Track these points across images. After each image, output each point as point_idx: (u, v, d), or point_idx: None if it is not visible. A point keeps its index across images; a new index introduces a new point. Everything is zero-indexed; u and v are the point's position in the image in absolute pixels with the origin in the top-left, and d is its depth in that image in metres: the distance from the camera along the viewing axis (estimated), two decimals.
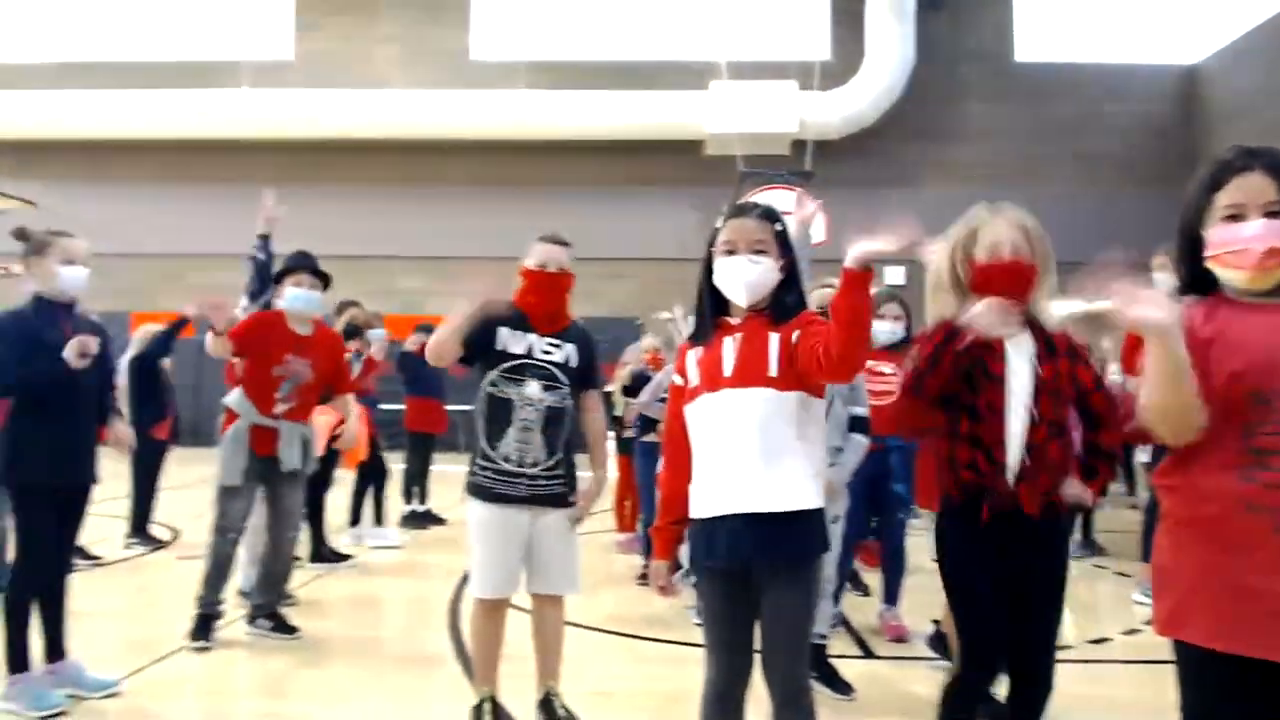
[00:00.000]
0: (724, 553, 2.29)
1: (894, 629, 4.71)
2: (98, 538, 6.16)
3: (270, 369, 4.43)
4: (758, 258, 2.35)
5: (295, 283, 4.57)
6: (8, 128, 16.49)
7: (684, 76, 15.76)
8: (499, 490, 3.23)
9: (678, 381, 2.46)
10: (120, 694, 3.78)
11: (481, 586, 3.29)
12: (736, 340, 2.35)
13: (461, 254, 16.14)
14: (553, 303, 3.39)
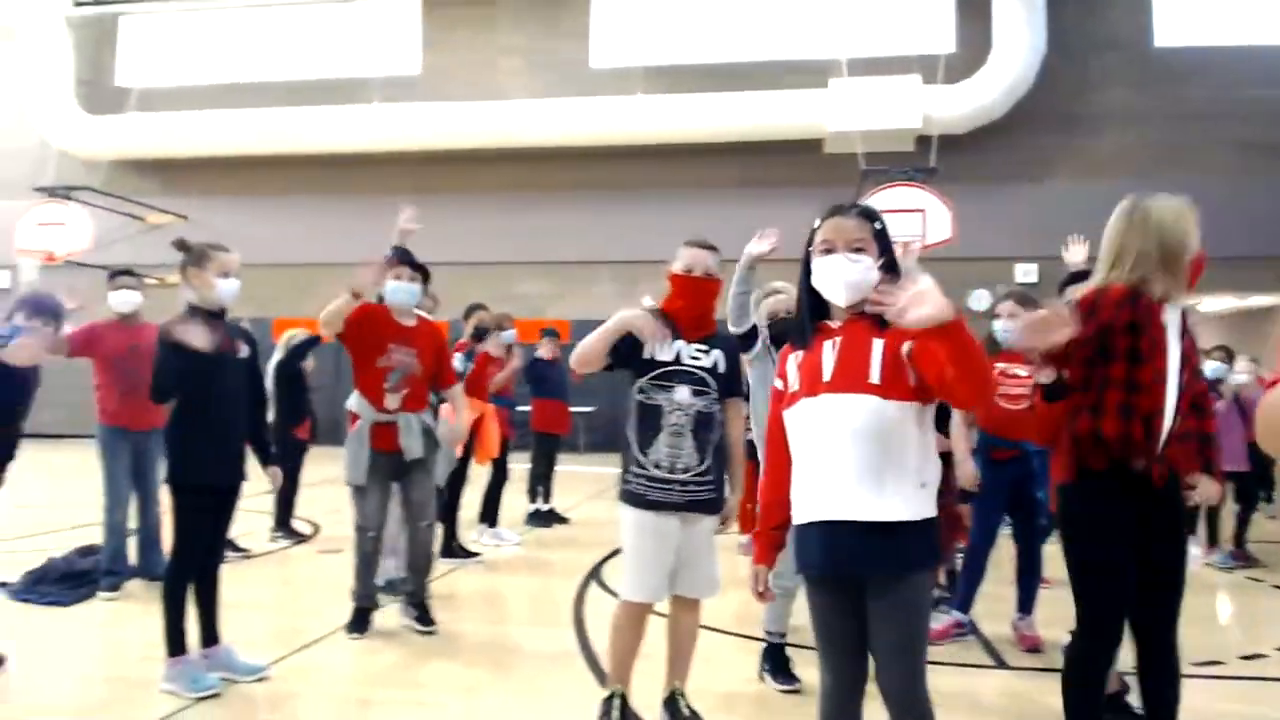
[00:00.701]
0: (827, 561, 2.27)
1: (1028, 639, 4.55)
2: (245, 531, 6.52)
3: (375, 360, 4.59)
4: (857, 256, 2.30)
5: (395, 275, 4.70)
6: (159, 147, 17.63)
7: (802, 75, 15.58)
8: (652, 497, 3.23)
9: (778, 385, 2.43)
10: (269, 678, 4.00)
11: (632, 591, 3.31)
12: (836, 344, 2.29)
13: (582, 259, 16.43)
14: (699, 307, 3.35)
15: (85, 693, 3.87)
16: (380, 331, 4.62)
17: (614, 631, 3.40)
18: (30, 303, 4.22)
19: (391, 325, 4.67)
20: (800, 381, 2.33)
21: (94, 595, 5.28)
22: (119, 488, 5.40)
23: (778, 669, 3.96)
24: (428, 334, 4.83)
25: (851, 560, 2.23)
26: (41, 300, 4.27)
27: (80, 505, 6.98)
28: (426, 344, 4.77)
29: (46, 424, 15.44)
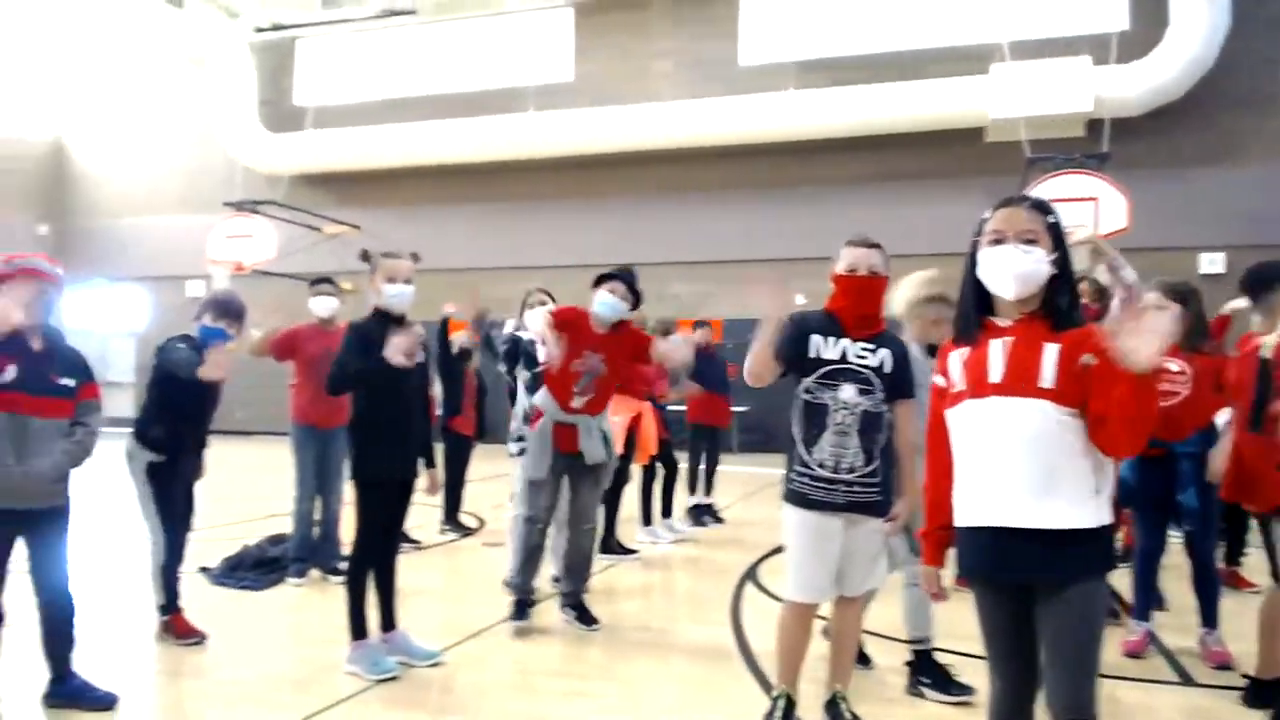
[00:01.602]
0: (996, 567, 2.23)
1: (1216, 655, 4.25)
2: (417, 524, 6.85)
3: (570, 362, 4.71)
4: (1028, 248, 2.21)
5: (610, 289, 4.79)
6: (334, 162, 18.73)
7: (962, 62, 15.01)
8: (815, 497, 3.21)
9: (939, 383, 2.36)
10: (442, 664, 4.21)
11: (796, 590, 3.31)
12: (1006, 344, 2.21)
13: (735, 258, 16.39)
14: (865, 306, 3.31)
15: (276, 671, 4.16)
16: (580, 336, 4.75)
17: (779, 631, 3.40)
18: (218, 304, 4.59)
19: (588, 331, 4.78)
20: (966, 380, 2.25)
21: (283, 581, 5.69)
22: (307, 481, 5.78)
23: (940, 681, 3.80)
24: (626, 342, 4.89)
25: (1022, 567, 2.17)
26: (228, 302, 4.62)
27: (270, 497, 7.49)
28: (620, 351, 4.85)
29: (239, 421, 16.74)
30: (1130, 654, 4.35)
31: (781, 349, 3.20)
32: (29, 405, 3.44)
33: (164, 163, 20.75)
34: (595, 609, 4.96)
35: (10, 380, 3.38)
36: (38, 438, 3.46)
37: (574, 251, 16.55)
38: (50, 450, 3.50)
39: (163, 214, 20.42)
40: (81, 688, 3.61)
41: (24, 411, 3.42)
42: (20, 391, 3.41)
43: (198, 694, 3.91)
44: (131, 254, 20.16)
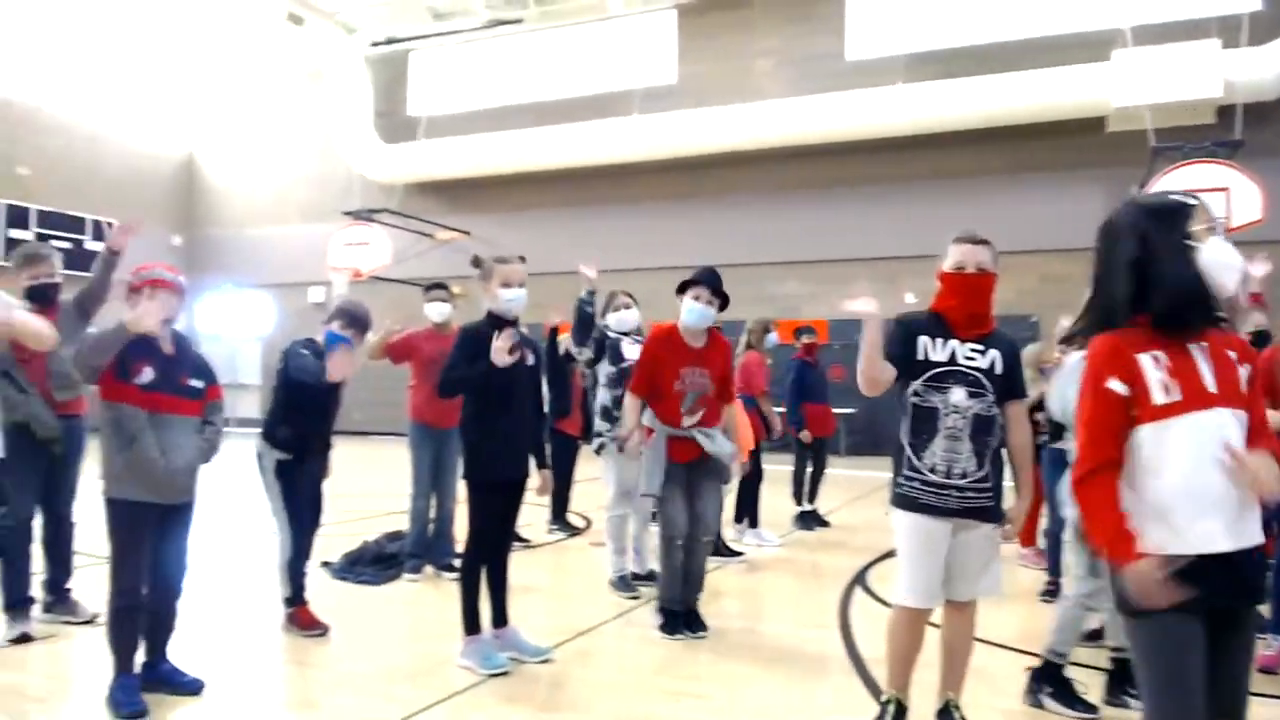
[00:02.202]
0: (1234, 592, 2.07)
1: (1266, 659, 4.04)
2: (526, 523, 6.98)
3: (671, 384, 4.67)
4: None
5: (694, 296, 4.72)
6: (445, 170, 19.25)
7: (1080, 50, 14.42)
8: (925, 501, 3.14)
9: (1117, 390, 2.09)
10: (552, 661, 4.28)
11: (907, 595, 3.25)
12: (1205, 350, 2.09)
13: (842, 256, 16.14)
14: (974, 305, 3.19)
15: (394, 664, 4.31)
16: (673, 355, 4.71)
17: (890, 636, 3.35)
18: (347, 313, 4.77)
19: (683, 348, 4.74)
20: (1180, 391, 2.05)
21: (399, 576, 5.89)
22: (423, 479, 5.97)
23: (1067, 696, 3.66)
24: (719, 351, 4.86)
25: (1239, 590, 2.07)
26: (355, 313, 4.81)
27: (388, 495, 7.75)
28: (717, 361, 4.82)
29: (357, 423, 17.37)
30: (1266, 669, 4.11)
31: (889, 353, 3.12)
32: (167, 405, 3.65)
33: (286, 174, 21.73)
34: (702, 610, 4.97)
35: (149, 381, 3.60)
36: (175, 436, 3.67)
37: (678, 253, 16.53)
38: (185, 447, 3.71)
39: (286, 224, 21.38)
40: (171, 672, 3.80)
41: (164, 410, 3.64)
42: (159, 391, 3.63)
43: (321, 684, 4.08)
44: (257, 262, 21.18)
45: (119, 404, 3.57)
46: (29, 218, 18.67)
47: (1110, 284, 2.18)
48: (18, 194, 18.79)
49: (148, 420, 3.59)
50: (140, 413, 3.58)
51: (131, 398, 3.58)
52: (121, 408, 3.57)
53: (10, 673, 3.94)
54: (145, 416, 3.59)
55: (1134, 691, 3.55)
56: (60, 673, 4.19)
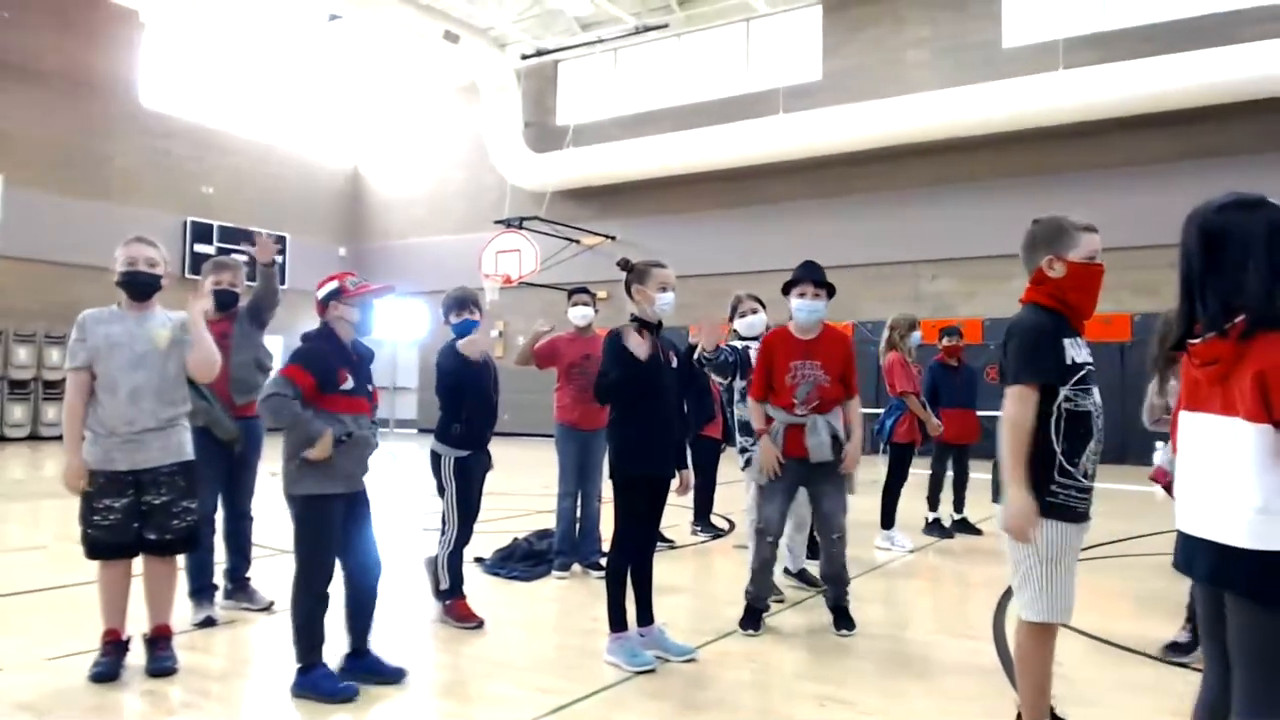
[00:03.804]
0: None
1: None
2: (670, 524, 7.04)
3: (783, 378, 4.70)
4: None
5: (800, 294, 4.78)
6: (591, 176, 19.62)
7: (1263, 24, 13.38)
8: (1081, 508, 3.01)
9: None
10: (696, 660, 4.30)
11: (1058, 611, 3.03)
12: None
13: (999, 252, 15.50)
14: (1096, 297, 3.06)
15: (543, 658, 4.43)
16: (784, 352, 4.74)
17: (1028, 662, 3.11)
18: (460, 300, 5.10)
19: (793, 342, 4.77)
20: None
21: (548, 573, 6.04)
22: (569, 479, 6.12)
23: None
24: (835, 343, 4.84)
25: None
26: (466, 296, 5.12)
27: (537, 494, 7.97)
28: (832, 352, 4.79)
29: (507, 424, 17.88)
30: None
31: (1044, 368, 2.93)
32: (359, 407, 3.95)
33: (443, 185, 22.68)
34: None
35: (350, 388, 3.90)
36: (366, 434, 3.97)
37: (826, 252, 16.15)
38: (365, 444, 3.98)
39: (442, 233, 22.32)
40: (375, 663, 4.01)
41: (357, 413, 3.93)
42: (356, 395, 3.93)
43: (477, 673, 4.24)
44: (416, 270, 22.19)
45: (330, 412, 3.83)
46: (212, 233, 20.20)
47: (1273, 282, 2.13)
48: (202, 211, 20.37)
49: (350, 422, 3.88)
50: (347, 418, 3.86)
51: (340, 406, 3.86)
52: (332, 415, 3.83)
53: (196, 655, 4.27)
54: (352, 420, 3.88)
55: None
56: (240, 655, 4.51)
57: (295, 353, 3.89)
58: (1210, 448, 2.21)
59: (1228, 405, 2.15)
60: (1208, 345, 2.19)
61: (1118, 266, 13.98)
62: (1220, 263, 2.19)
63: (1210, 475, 2.20)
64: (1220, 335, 2.15)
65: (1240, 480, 2.12)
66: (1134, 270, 13.48)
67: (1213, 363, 2.18)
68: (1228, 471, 2.15)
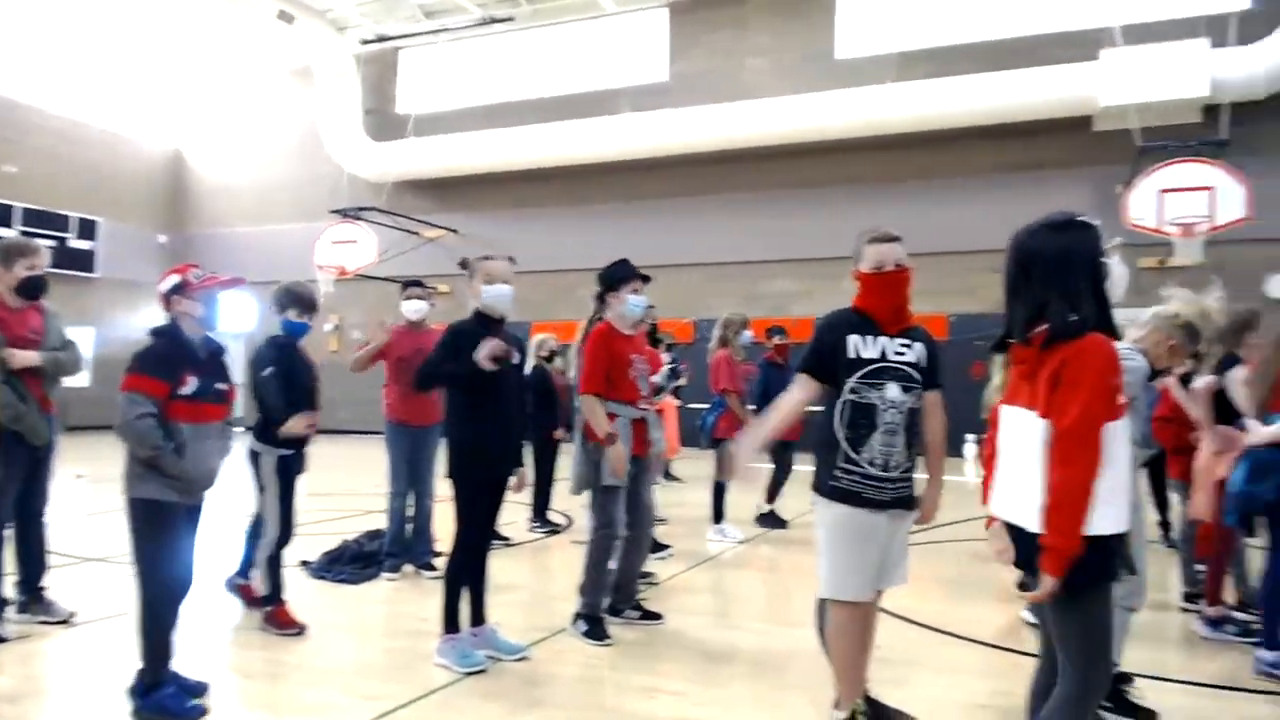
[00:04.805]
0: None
1: None
2: (507, 521, 6.96)
3: (626, 371, 4.69)
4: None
5: (633, 289, 4.77)
6: (433, 168, 19.20)
7: (1069, 48, 14.45)
8: (866, 495, 3.18)
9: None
10: (528, 658, 4.27)
11: (841, 588, 3.24)
12: None
13: (833, 254, 16.13)
14: (897, 301, 3.28)
15: (370, 662, 4.29)
16: (620, 346, 4.72)
17: (836, 639, 3.30)
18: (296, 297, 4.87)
19: (625, 339, 4.77)
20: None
21: (378, 575, 5.86)
22: (400, 478, 5.94)
23: (1123, 704, 3.57)
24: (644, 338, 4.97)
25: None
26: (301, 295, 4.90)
27: (368, 494, 7.72)
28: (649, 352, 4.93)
29: (342, 421, 17.31)
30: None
31: (812, 362, 3.27)
32: (204, 413, 3.65)
33: (274, 172, 21.65)
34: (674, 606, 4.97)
35: (193, 392, 3.59)
36: (208, 442, 3.67)
37: (669, 250, 16.58)
38: (215, 452, 3.72)
39: (272, 222, 21.31)
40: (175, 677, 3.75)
41: (201, 420, 3.63)
42: (199, 401, 3.61)
43: (296, 682, 4.05)
44: (243, 261, 21.03)
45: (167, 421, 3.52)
46: (12, 215, 18.57)
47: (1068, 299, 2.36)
48: (3, 192, 18.70)
49: (192, 431, 3.56)
50: (184, 427, 3.55)
51: (180, 413, 3.55)
52: (168, 424, 3.52)
53: None
54: (187, 429, 3.56)
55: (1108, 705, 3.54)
56: (34, 673, 4.15)
57: (137, 357, 3.57)
58: (1017, 439, 2.44)
59: (1032, 400, 2.37)
60: (1017, 349, 2.44)
61: (938, 270, 14.92)
62: (1029, 280, 2.42)
63: (1016, 464, 2.43)
64: (1025, 343, 2.40)
65: (1035, 469, 2.32)
66: (953, 274, 14.35)
67: (1022, 363, 2.42)
68: (1027, 461, 2.36)
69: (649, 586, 5.59)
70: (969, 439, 11.60)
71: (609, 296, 4.80)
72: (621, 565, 4.82)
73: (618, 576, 4.82)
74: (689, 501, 8.71)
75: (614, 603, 4.84)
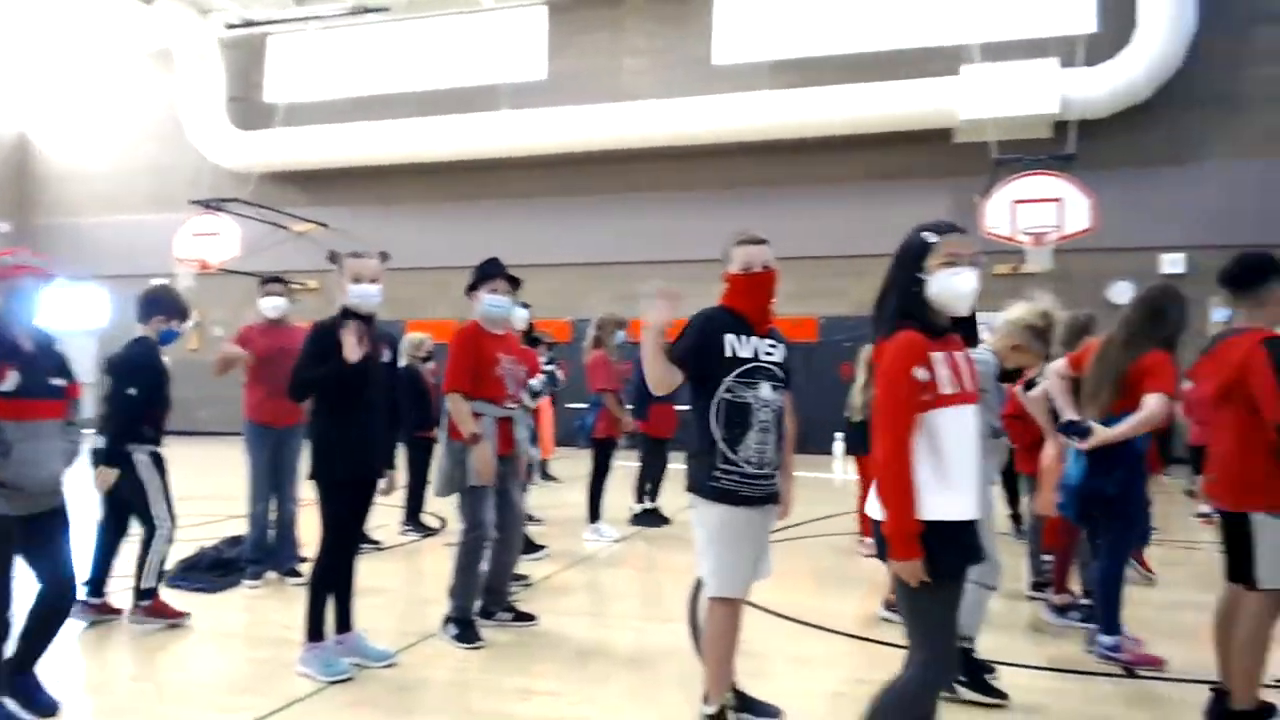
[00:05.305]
0: (974, 556, 2.55)
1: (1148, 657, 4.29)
2: (378, 524, 6.79)
3: (493, 370, 4.62)
4: (976, 269, 2.54)
5: (492, 289, 4.71)
6: (304, 159, 18.55)
7: (932, 63, 15.09)
8: (745, 493, 3.24)
9: (921, 377, 2.45)
10: (397, 664, 4.17)
11: (727, 586, 3.28)
12: (966, 356, 2.57)
13: (706, 257, 16.36)
14: (765, 302, 3.38)
15: (229, 673, 4.12)
16: (488, 345, 4.66)
17: (716, 636, 3.33)
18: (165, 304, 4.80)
19: (492, 338, 4.70)
20: (953, 385, 2.48)
21: (239, 583, 5.61)
22: (261, 481, 5.71)
23: (977, 681, 3.75)
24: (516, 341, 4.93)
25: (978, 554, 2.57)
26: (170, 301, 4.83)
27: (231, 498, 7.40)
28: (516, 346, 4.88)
29: (202, 421, 16.53)
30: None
31: (691, 353, 3.26)
32: (33, 410, 3.38)
33: (131, 160, 20.49)
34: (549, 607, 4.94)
35: (13, 388, 3.31)
36: (42, 442, 3.41)
37: (548, 249, 16.52)
38: (52, 454, 3.46)
39: (128, 212, 20.17)
40: (34, 688, 3.52)
41: (28, 418, 3.36)
42: (25, 398, 3.34)
43: (149, 695, 3.86)
44: (96, 252, 19.89)
45: None
46: None
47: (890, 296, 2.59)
48: None
49: (15, 430, 3.29)
50: (6, 425, 3.28)
51: (3, 411, 3.28)
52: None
53: None
54: (11, 427, 3.29)
55: (963, 680, 3.71)
56: None
57: None
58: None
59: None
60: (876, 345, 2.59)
61: (807, 274, 15.29)
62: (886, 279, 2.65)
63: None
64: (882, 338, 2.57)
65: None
66: (822, 277, 14.81)
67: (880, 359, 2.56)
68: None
69: (523, 588, 5.54)
70: (838, 437, 11.96)
71: (470, 296, 4.76)
72: (492, 567, 4.75)
73: (489, 578, 4.75)
74: (566, 502, 8.68)
75: (486, 605, 4.77)
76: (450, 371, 4.58)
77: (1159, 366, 3.98)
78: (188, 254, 16.81)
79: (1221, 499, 3.37)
